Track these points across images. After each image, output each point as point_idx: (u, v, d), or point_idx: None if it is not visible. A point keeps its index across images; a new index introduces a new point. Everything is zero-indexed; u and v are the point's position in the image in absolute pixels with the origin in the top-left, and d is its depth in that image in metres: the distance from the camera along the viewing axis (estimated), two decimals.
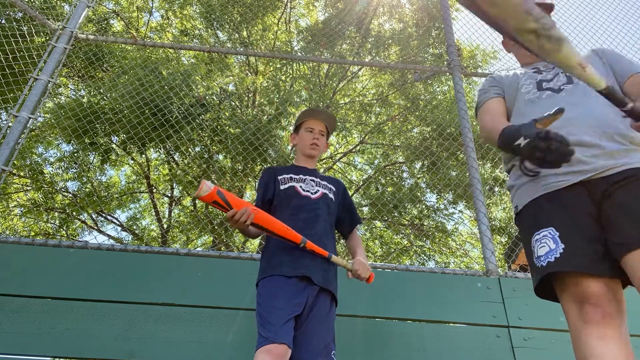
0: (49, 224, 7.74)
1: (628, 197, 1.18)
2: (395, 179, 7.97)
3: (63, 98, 6.59)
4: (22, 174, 6.93)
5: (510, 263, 5.46)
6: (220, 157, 7.17)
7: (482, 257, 3.42)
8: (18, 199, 7.35)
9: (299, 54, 7.48)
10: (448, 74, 4.46)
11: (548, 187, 1.30)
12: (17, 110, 2.85)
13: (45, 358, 2.15)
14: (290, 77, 7.68)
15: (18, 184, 7.14)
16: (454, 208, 7.70)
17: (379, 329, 2.27)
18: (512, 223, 7.48)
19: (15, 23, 4.58)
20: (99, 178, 7.92)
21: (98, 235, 7.94)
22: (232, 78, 7.38)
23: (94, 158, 6.86)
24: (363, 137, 8.73)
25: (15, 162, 5.67)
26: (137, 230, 8.54)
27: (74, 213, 7.45)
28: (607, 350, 1.09)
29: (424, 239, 7.83)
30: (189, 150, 6.60)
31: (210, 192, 1.52)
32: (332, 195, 1.94)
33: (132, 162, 7.76)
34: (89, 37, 3.68)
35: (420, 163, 7.45)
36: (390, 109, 8.42)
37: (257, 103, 7.54)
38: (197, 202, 8.45)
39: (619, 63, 1.47)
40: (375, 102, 8.53)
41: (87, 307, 2.18)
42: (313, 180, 1.93)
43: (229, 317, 2.19)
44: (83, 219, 7.86)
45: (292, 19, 8.44)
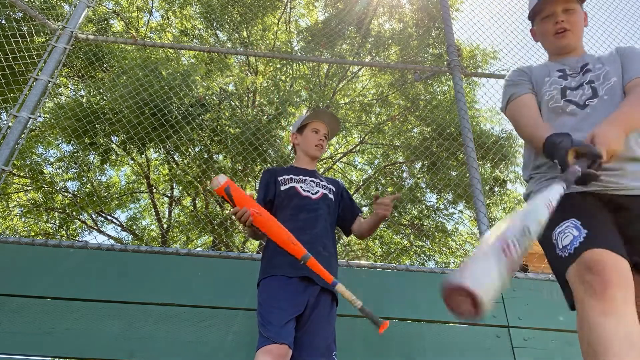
0: (49, 224, 7.74)
1: None
2: (395, 179, 7.97)
3: (63, 98, 6.59)
4: (22, 174, 6.93)
5: None
6: (220, 157, 7.17)
7: None
8: (18, 199, 7.35)
9: (299, 54, 7.48)
10: (448, 74, 4.46)
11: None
12: (17, 110, 2.85)
13: (45, 358, 2.15)
14: (290, 77, 7.68)
15: (18, 184, 7.14)
16: (454, 208, 7.70)
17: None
18: None
19: (15, 23, 4.58)
20: (99, 178, 7.92)
21: (98, 235, 7.94)
22: (232, 78, 7.38)
23: (94, 158, 6.86)
24: (363, 137, 8.73)
25: (15, 162, 5.67)
26: (137, 230, 8.54)
27: (74, 213, 7.45)
28: (608, 330, 1.00)
29: (424, 239, 7.83)
30: (189, 150, 6.60)
31: (219, 187, 1.59)
32: (332, 196, 1.94)
33: (132, 162, 7.76)
34: (89, 37, 3.68)
35: (420, 163, 7.45)
36: (390, 109, 8.42)
37: (257, 103, 7.54)
38: (197, 202, 8.46)
39: (631, 62, 1.45)
40: (375, 102, 8.53)
41: (87, 307, 2.18)
42: (313, 181, 1.94)
43: (229, 317, 2.18)
44: (83, 219, 7.85)
45: (292, 19, 8.44)
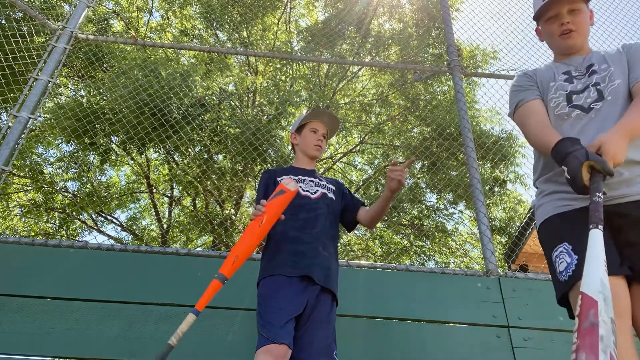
0: (49, 224, 7.74)
1: None
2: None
3: (63, 98, 6.59)
4: (22, 174, 6.93)
5: (510, 263, 5.46)
6: (220, 157, 7.17)
7: (482, 257, 3.42)
8: (18, 199, 7.35)
9: (299, 54, 7.48)
10: (448, 74, 4.46)
11: (559, 208, 1.40)
12: (17, 110, 2.85)
13: (45, 358, 2.16)
14: (290, 77, 7.67)
15: (18, 184, 7.14)
16: (454, 208, 7.70)
17: (379, 329, 2.27)
18: (512, 223, 7.48)
19: (15, 23, 4.58)
20: (99, 178, 7.92)
21: (98, 235, 7.94)
22: (232, 78, 7.37)
23: (94, 158, 6.86)
24: (363, 137, 8.73)
25: (15, 162, 5.67)
26: (137, 230, 8.54)
27: (74, 213, 7.45)
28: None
29: (424, 239, 7.83)
30: (189, 151, 6.60)
31: (293, 191, 1.64)
32: (332, 195, 1.94)
33: (132, 162, 7.76)
34: (89, 37, 3.68)
35: (420, 163, 7.45)
36: (390, 109, 8.42)
37: (257, 103, 7.54)
38: (197, 202, 8.46)
39: (637, 62, 1.44)
40: (375, 102, 8.52)
41: (87, 307, 2.18)
42: (312, 181, 1.94)
43: (229, 317, 2.18)
44: (83, 219, 7.85)
45: (292, 19, 8.44)
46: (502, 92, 3.77)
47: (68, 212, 7.43)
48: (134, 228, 8.56)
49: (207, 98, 6.08)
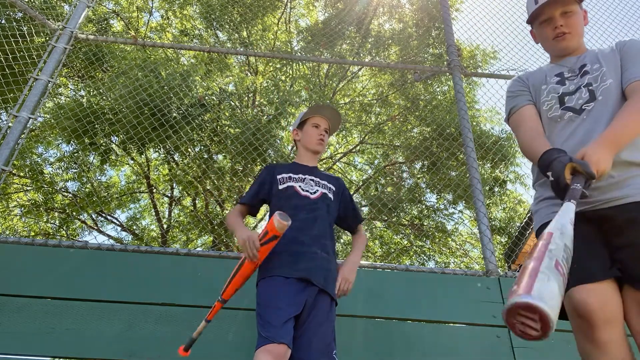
0: (49, 224, 7.74)
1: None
2: (395, 179, 7.96)
3: (63, 98, 6.59)
4: (22, 174, 6.93)
5: (510, 263, 5.46)
6: (220, 157, 7.17)
7: (482, 257, 3.42)
8: (18, 199, 7.34)
9: (299, 54, 7.48)
10: (448, 74, 4.46)
11: (553, 215, 1.40)
12: (17, 110, 2.85)
13: (45, 358, 2.15)
14: (290, 77, 7.67)
15: (18, 184, 7.14)
16: (454, 208, 7.70)
17: (379, 329, 2.27)
18: (512, 223, 7.49)
19: (15, 23, 4.58)
20: (99, 178, 7.92)
21: (98, 235, 7.95)
22: (232, 78, 7.37)
23: (94, 158, 6.86)
24: (363, 137, 8.73)
25: (15, 162, 5.67)
26: (137, 230, 8.54)
27: (74, 213, 7.45)
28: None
29: (424, 239, 7.83)
30: (189, 151, 6.60)
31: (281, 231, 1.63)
32: (331, 195, 1.94)
33: (132, 162, 7.76)
34: (89, 37, 3.68)
35: (420, 163, 7.45)
36: (390, 109, 8.42)
37: (257, 103, 7.54)
38: (197, 202, 8.46)
39: (631, 61, 1.43)
40: (375, 102, 8.52)
41: (87, 307, 2.18)
42: (312, 180, 1.93)
43: (229, 317, 2.18)
44: (83, 219, 7.85)
45: (292, 19, 8.44)
46: (502, 92, 3.78)
47: (68, 212, 7.43)
48: (134, 228, 8.56)
49: (207, 98, 6.08)
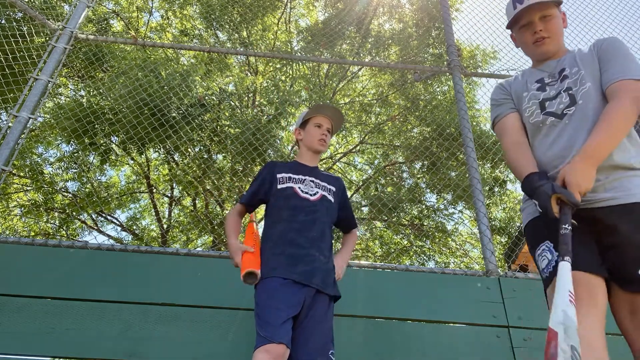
0: (49, 224, 7.74)
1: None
2: (395, 179, 7.97)
3: (63, 98, 6.59)
4: (22, 174, 6.93)
5: (510, 263, 5.46)
6: (220, 157, 7.17)
7: (482, 257, 3.42)
8: (18, 199, 7.35)
9: (299, 54, 7.48)
10: (448, 74, 4.46)
11: (536, 212, 1.43)
12: (17, 110, 2.85)
13: (45, 358, 2.15)
14: (290, 77, 7.67)
15: (18, 184, 7.14)
16: (454, 208, 7.70)
17: (379, 329, 2.27)
18: (512, 223, 7.49)
19: (15, 23, 4.58)
20: (99, 178, 7.92)
21: (98, 235, 7.95)
22: (231, 78, 7.37)
23: (94, 158, 6.86)
24: (363, 137, 8.73)
25: (15, 162, 5.67)
26: (137, 230, 8.54)
27: (74, 213, 7.45)
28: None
29: (424, 239, 7.83)
30: (189, 151, 6.60)
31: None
32: (331, 197, 1.94)
33: (132, 162, 7.76)
34: (89, 37, 3.68)
35: (420, 163, 7.45)
36: (390, 109, 8.42)
37: (257, 103, 7.54)
38: (197, 202, 8.46)
39: (609, 62, 1.42)
40: (375, 102, 8.52)
41: (87, 307, 2.18)
42: (312, 181, 1.93)
43: (229, 317, 2.18)
44: (83, 219, 7.85)
45: (292, 19, 8.44)
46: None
47: (68, 212, 7.43)
48: (134, 228, 8.56)
49: (206, 98, 6.08)
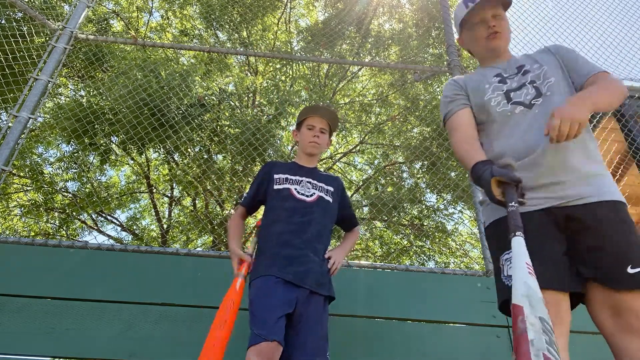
0: (49, 224, 7.74)
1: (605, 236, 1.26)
2: (395, 179, 7.97)
3: (63, 98, 6.59)
4: (22, 174, 6.93)
5: None
6: (220, 157, 7.18)
7: (482, 257, 3.42)
8: (18, 199, 7.34)
9: (299, 54, 7.48)
10: (448, 74, 4.46)
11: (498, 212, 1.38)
12: (17, 110, 2.85)
13: (45, 358, 2.15)
14: (290, 77, 7.67)
15: (18, 184, 7.14)
16: (454, 208, 7.70)
17: (379, 329, 2.27)
18: None
19: (15, 23, 4.58)
20: (99, 178, 7.92)
21: (98, 235, 7.94)
22: (231, 78, 7.37)
23: (94, 158, 6.86)
24: (363, 137, 8.73)
25: (15, 162, 5.67)
26: (137, 230, 8.54)
27: (74, 213, 7.45)
28: None
29: (424, 239, 7.83)
30: (189, 151, 6.60)
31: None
32: (329, 197, 1.93)
33: (131, 162, 7.76)
34: (89, 37, 3.68)
35: (420, 163, 7.45)
36: (390, 109, 8.42)
37: (257, 103, 7.54)
38: (197, 202, 8.46)
39: (577, 63, 1.50)
40: (375, 102, 8.53)
41: (87, 307, 2.18)
42: (310, 182, 1.92)
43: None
44: (83, 219, 7.85)
45: (292, 19, 8.44)
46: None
47: (68, 212, 7.43)
48: (134, 228, 8.56)
49: (206, 98, 6.08)
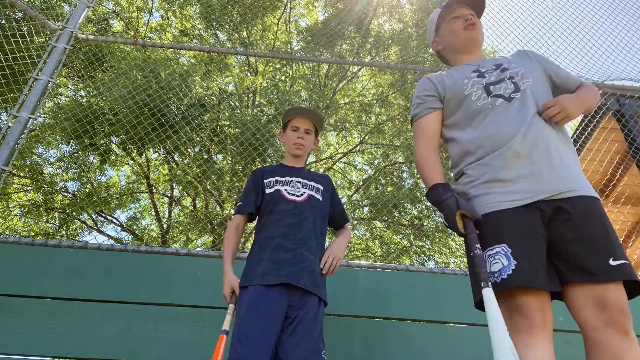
0: (49, 224, 7.74)
1: (585, 230, 1.27)
2: (395, 179, 7.97)
3: (63, 98, 6.59)
4: (22, 174, 6.93)
5: None
6: (220, 157, 7.18)
7: None
8: (18, 199, 7.35)
9: (299, 54, 7.48)
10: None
11: (501, 204, 1.34)
12: (17, 111, 2.85)
13: (45, 358, 2.16)
14: (290, 77, 7.68)
15: (18, 184, 7.14)
16: None
17: (379, 329, 2.27)
18: None
19: (15, 23, 4.58)
20: (99, 178, 7.92)
21: (98, 235, 7.95)
22: (231, 78, 7.38)
23: (94, 158, 6.86)
24: (363, 137, 8.73)
25: (15, 162, 5.67)
26: (137, 230, 8.54)
27: (74, 213, 7.45)
28: (532, 357, 1.16)
29: (424, 239, 7.83)
30: (189, 151, 6.60)
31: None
32: (319, 195, 1.92)
33: (131, 162, 7.76)
34: (89, 37, 3.68)
35: None
36: (390, 109, 8.42)
37: (256, 103, 7.55)
38: (197, 202, 8.46)
39: (562, 71, 1.56)
40: (375, 102, 8.53)
41: (87, 307, 2.18)
42: (299, 182, 1.91)
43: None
44: (83, 219, 7.85)
45: (292, 19, 8.44)
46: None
47: (68, 212, 7.43)
48: (134, 228, 8.56)
49: (206, 98, 6.08)
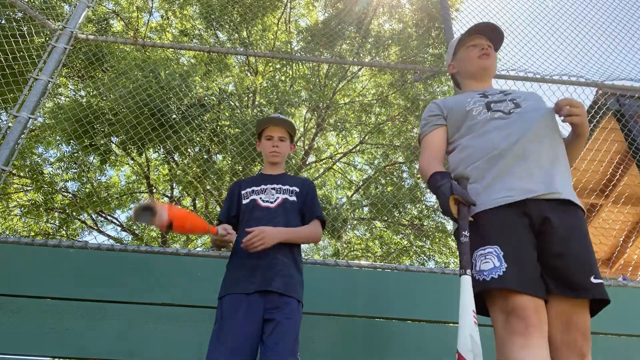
0: (49, 224, 7.74)
1: (572, 240, 1.29)
2: (395, 179, 7.97)
3: (63, 98, 6.59)
4: (22, 174, 6.93)
5: None
6: (220, 157, 7.17)
7: None
8: (18, 199, 7.35)
9: (299, 54, 7.48)
10: (448, 74, 4.46)
11: (495, 201, 1.37)
12: (17, 111, 2.85)
13: (45, 358, 2.16)
14: (290, 77, 7.67)
15: (18, 184, 7.14)
16: None
17: (379, 329, 2.27)
18: None
19: (15, 23, 4.58)
20: (99, 178, 7.92)
21: (98, 235, 7.95)
22: (231, 78, 7.37)
23: (94, 158, 6.86)
24: (363, 137, 8.73)
25: (15, 162, 5.67)
26: (137, 230, 8.55)
27: (74, 213, 7.45)
28: (529, 358, 1.15)
29: (424, 239, 7.83)
30: (189, 151, 6.60)
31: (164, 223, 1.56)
32: (293, 197, 1.92)
33: (131, 162, 7.76)
34: (89, 37, 3.68)
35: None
36: (390, 109, 8.42)
37: (256, 103, 7.54)
38: (196, 202, 8.46)
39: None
40: (375, 102, 8.53)
41: (87, 307, 2.18)
42: (273, 188, 1.92)
43: None
44: (83, 219, 7.86)
45: (292, 19, 8.44)
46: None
47: (68, 212, 7.43)
48: (134, 228, 8.56)
49: (206, 98, 6.08)
